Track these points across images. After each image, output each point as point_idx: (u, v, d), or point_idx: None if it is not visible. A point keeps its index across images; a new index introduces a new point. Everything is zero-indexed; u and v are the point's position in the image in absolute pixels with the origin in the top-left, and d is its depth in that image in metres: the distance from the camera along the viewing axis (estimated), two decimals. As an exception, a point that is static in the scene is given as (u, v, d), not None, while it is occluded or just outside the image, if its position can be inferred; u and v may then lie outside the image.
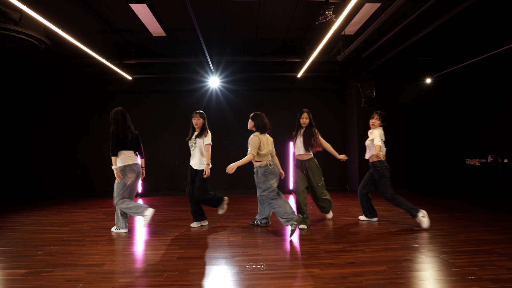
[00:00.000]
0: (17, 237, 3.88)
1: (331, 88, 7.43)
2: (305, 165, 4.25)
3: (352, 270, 2.69)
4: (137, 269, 2.78)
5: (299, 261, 2.92)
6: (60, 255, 3.18)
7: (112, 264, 2.91)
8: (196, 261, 2.94)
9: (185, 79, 6.97)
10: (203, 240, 3.62)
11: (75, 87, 7.08)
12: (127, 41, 5.94)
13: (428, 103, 7.04)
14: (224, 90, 7.13)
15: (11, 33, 4.02)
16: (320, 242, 3.48)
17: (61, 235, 3.92)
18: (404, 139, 7.00)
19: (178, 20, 5.19)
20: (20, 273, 2.71)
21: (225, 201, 4.35)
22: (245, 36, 5.89)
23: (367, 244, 3.37)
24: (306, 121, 4.32)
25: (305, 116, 4.32)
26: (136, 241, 3.67)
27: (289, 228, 3.65)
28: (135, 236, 3.85)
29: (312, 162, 4.25)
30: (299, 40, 6.04)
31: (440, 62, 6.67)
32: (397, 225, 4.16)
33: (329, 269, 2.71)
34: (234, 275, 2.61)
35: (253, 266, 2.76)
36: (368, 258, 2.96)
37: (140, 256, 3.16)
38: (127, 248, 3.39)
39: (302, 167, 4.28)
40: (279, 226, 4.17)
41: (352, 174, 7.18)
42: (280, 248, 3.29)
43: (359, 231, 3.91)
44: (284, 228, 4.04)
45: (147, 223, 3.80)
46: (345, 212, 5.04)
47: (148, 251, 3.28)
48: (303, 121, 4.32)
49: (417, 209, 3.96)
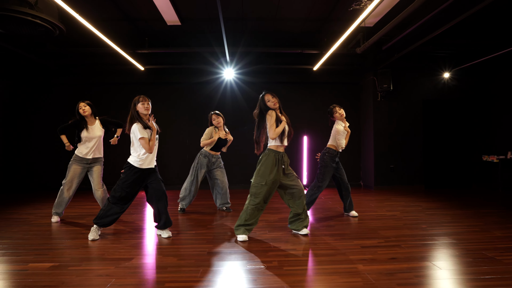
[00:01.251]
0: (33, 229, 3.71)
1: (345, 82, 7.29)
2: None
3: (396, 266, 2.55)
4: (169, 264, 2.63)
5: (338, 256, 2.78)
6: (83, 249, 3.02)
7: (140, 258, 2.76)
8: (228, 256, 2.80)
9: (198, 71, 6.79)
10: (231, 236, 3.47)
11: (85, 78, 6.88)
12: (140, 30, 5.75)
13: (445, 98, 6.92)
14: (239, 82, 6.95)
15: (26, 17, 3.82)
16: (353, 237, 3.35)
17: (78, 228, 3.76)
18: (420, 134, 6.88)
19: (195, 8, 5.02)
20: (46, 267, 2.55)
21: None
22: (262, 26, 5.72)
23: (402, 240, 3.24)
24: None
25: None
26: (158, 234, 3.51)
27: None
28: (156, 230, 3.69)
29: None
30: (317, 32, 5.88)
31: (459, 56, 6.54)
32: (422, 220, 4.03)
33: (372, 264, 2.58)
34: (271, 270, 2.47)
35: (253, 266, 2.59)
36: (408, 253, 2.83)
37: (167, 250, 3.01)
38: (151, 242, 3.23)
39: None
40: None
41: (366, 169, 7.06)
42: (313, 243, 3.16)
43: (387, 226, 3.77)
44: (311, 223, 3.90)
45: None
46: (367, 207, 4.91)
47: (175, 245, 3.13)
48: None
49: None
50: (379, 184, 6.76)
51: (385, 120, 6.82)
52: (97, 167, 4.02)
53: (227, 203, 4.69)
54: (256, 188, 3.25)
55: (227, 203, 4.69)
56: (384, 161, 6.79)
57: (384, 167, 6.78)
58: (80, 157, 3.95)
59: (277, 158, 3.27)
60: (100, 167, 4.05)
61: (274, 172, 3.22)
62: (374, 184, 6.75)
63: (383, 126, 6.80)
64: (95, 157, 4.01)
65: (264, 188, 3.21)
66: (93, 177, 3.99)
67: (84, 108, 3.94)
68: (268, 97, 3.39)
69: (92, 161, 4.00)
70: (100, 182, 3.99)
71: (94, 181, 3.98)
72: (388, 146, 6.80)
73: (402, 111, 6.86)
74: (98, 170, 4.01)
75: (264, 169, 3.24)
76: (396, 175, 6.80)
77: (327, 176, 4.14)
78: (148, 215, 4.49)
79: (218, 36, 5.88)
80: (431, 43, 5.77)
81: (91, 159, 3.99)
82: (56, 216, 4.09)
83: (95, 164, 4.02)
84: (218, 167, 4.60)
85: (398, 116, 6.85)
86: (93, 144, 3.97)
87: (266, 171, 3.22)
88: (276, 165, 3.25)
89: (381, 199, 5.60)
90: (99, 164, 4.04)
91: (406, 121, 6.86)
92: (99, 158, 4.06)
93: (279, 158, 3.29)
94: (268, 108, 3.37)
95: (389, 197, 5.75)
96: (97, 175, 3.99)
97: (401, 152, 6.84)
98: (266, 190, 3.21)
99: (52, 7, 4.12)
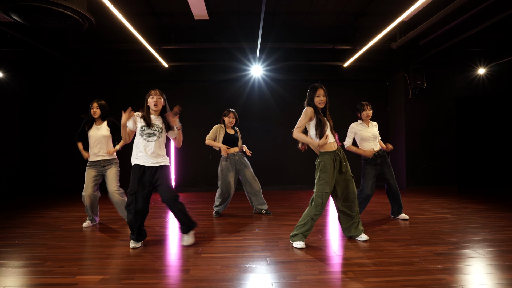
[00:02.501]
0: (66, 235, 3.45)
1: (373, 79, 7.01)
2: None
3: (486, 276, 2.29)
4: (234, 277, 2.36)
5: (415, 265, 2.51)
6: (128, 258, 2.76)
7: (198, 270, 2.49)
8: (296, 266, 2.53)
9: (225, 67, 6.50)
10: (284, 241, 3.20)
11: (104, 75, 6.63)
12: (165, 25, 5.51)
13: (480, 95, 6.64)
14: (268, 79, 6.68)
15: (57, 8, 3.56)
16: (417, 242, 3.07)
17: (115, 234, 3.51)
18: (453, 133, 6.60)
19: (225, 3, 4.78)
20: (96, 280, 2.29)
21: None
22: (292, 21, 5.48)
23: (473, 245, 2.96)
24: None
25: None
26: (206, 240, 3.25)
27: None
28: (204, 236, 3.43)
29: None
30: (349, 27, 5.63)
31: (495, 50, 6.27)
32: (480, 223, 3.76)
33: (459, 274, 2.31)
34: (352, 283, 2.21)
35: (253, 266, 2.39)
36: (491, 261, 2.56)
37: (222, 258, 2.74)
38: (202, 251, 2.96)
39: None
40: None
41: (397, 169, 6.77)
42: (377, 250, 2.89)
43: (447, 230, 3.50)
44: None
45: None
46: (409, 209, 4.62)
47: (227, 254, 2.86)
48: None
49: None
50: (411, 184, 6.48)
51: (417, 119, 6.54)
52: (111, 169, 3.74)
53: (263, 203, 4.41)
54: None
55: (263, 203, 4.41)
56: (416, 161, 6.51)
57: (416, 167, 6.50)
58: (92, 162, 3.74)
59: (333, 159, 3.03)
60: (114, 169, 3.76)
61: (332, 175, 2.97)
62: (406, 185, 6.47)
63: (414, 124, 6.53)
64: (105, 159, 3.74)
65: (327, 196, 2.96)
66: (107, 180, 3.73)
67: (95, 110, 3.73)
68: (320, 92, 3.07)
69: (105, 163, 3.74)
70: (115, 186, 3.70)
71: (108, 185, 3.71)
72: (419, 146, 6.53)
73: (434, 109, 6.58)
74: (112, 173, 3.73)
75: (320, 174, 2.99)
76: (428, 175, 6.53)
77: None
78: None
79: (247, 31, 5.64)
80: (470, 37, 5.50)
81: (103, 162, 3.74)
82: (88, 221, 3.86)
83: (109, 167, 3.75)
84: (244, 165, 4.29)
85: (430, 114, 6.57)
86: (96, 144, 3.72)
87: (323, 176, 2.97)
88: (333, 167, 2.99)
89: (420, 200, 5.32)
90: (113, 167, 3.77)
91: (439, 119, 6.59)
92: (110, 160, 3.77)
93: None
94: (310, 104, 3.06)
95: (427, 198, 5.47)
96: (110, 178, 3.71)
97: (433, 152, 6.57)
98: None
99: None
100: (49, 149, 6.63)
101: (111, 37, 5.46)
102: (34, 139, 6.65)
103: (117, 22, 4.42)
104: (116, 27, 4.82)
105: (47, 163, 6.64)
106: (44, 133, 6.65)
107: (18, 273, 2.46)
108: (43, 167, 6.63)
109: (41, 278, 2.35)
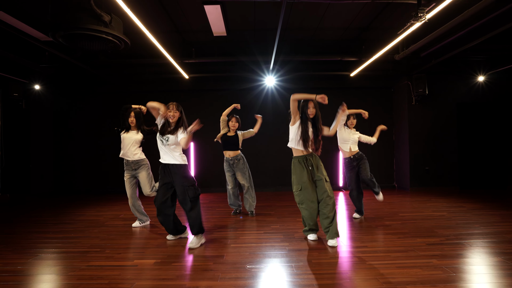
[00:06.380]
0: (112, 230, 4.04)
1: (378, 86, 7.50)
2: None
3: (467, 260, 2.79)
4: (261, 260, 2.91)
5: (410, 252, 3.03)
6: (172, 247, 3.32)
7: (231, 256, 3.03)
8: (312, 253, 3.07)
9: (241, 78, 7.10)
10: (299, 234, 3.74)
11: (132, 86, 7.28)
12: (187, 41, 6.11)
13: (480, 101, 7.08)
14: (280, 88, 7.24)
15: (101, 35, 4.16)
16: (414, 235, 3.58)
17: (155, 229, 4.07)
18: (455, 137, 7.06)
19: (243, 21, 5.33)
20: (151, 263, 2.86)
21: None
22: (302, 35, 6.02)
23: (461, 238, 3.45)
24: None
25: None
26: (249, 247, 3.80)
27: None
28: (245, 242, 3.98)
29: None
30: (355, 40, 6.15)
31: (494, 59, 6.71)
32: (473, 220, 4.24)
33: (445, 259, 2.82)
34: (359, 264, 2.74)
35: (253, 266, 2.78)
36: (474, 250, 3.06)
37: (249, 247, 3.28)
38: (231, 242, 3.51)
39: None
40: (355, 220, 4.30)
41: (401, 171, 7.25)
42: (378, 241, 3.40)
43: (442, 225, 3.99)
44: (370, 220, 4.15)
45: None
46: (411, 207, 5.13)
47: (252, 244, 3.40)
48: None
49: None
50: (415, 185, 6.95)
51: (420, 123, 7.02)
52: (142, 173, 4.10)
53: (251, 205, 4.79)
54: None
55: (251, 205, 4.79)
56: (419, 163, 6.98)
57: (420, 169, 6.97)
58: (125, 162, 4.14)
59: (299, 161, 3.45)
60: (144, 172, 4.10)
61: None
62: (410, 186, 6.95)
63: (418, 129, 7.00)
64: (135, 159, 4.09)
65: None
66: (141, 184, 4.14)
67: (132, 119, 4.16)
68: (311, 105, 3.55)
69: (135, 165, 4.09)
70: (148, 189, 4.09)
71: (142, 189, 4.15)
72: (422, 149, 7.00)
73: (436, 114, 7.05)
74: (143, 176, 4.10)
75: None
76: (431, 176, 6.99)
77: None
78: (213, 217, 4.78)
79: (261, 45, 6.20)
80: (469, 49, 5.96)
81: (132, 163, 4.09)
82: (137, 221, 4.27)
83: (139, 170, 4.11)
84: (238, 169, 4.73)
85: (433, 119, 7.04)
86: (125, 145, 4.10)
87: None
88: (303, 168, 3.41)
89: (422, 200, 5.80)
90: (143, 170, 4.11)
91: (441, 123, 7.05)
92: (139, 161, 4.10)
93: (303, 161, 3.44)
94: (301, 113, 3.59)
95: (429, 198, 5.94)
96: (143, 183, 4.10)
97: (436, 154, 7.03)
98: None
99: (119, 22, 4.46)
100: (78, 154, 7.31)
101: (138, 52, 6.06)
102: (65, 144, 7.33)
103: (146, 40, 5.00)
104: (143, 43, 5.40)
105: (77, 167, 7.31)
106: (73, 139, 7.33)
107: (84, 257, 3.04)
108: (74, 170, 7.30)
109: (105, 261, 2.93)
